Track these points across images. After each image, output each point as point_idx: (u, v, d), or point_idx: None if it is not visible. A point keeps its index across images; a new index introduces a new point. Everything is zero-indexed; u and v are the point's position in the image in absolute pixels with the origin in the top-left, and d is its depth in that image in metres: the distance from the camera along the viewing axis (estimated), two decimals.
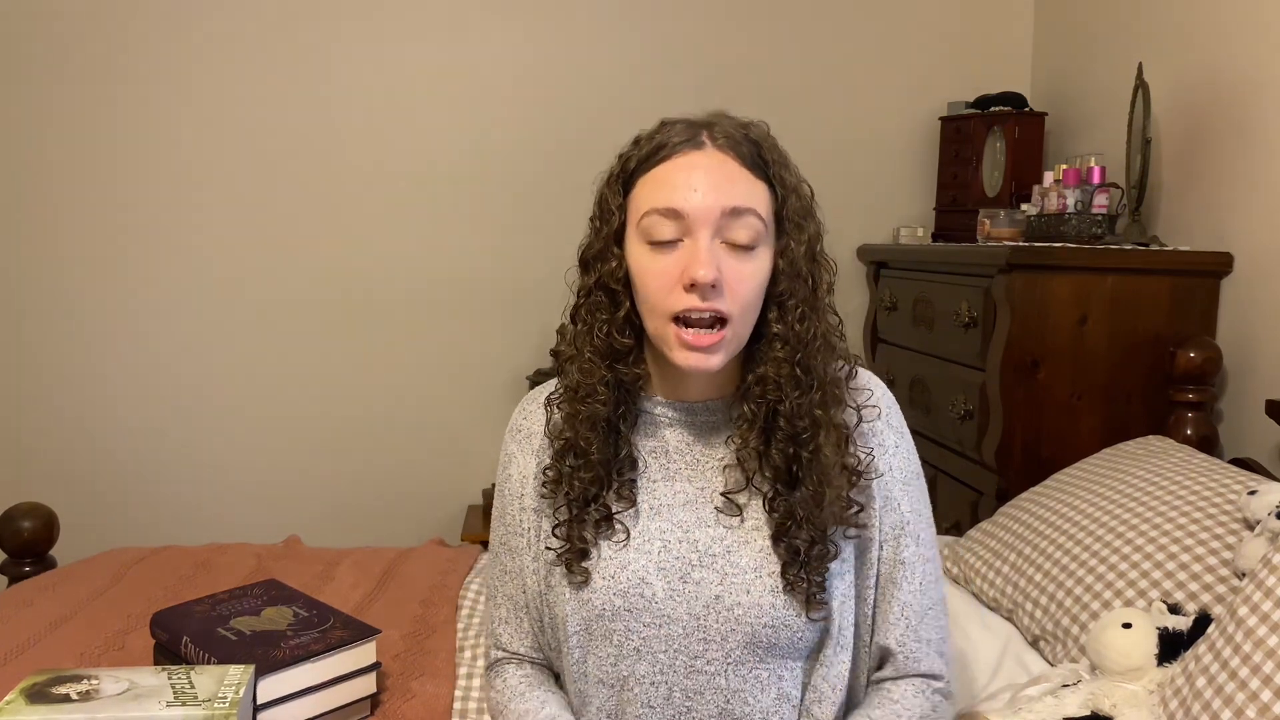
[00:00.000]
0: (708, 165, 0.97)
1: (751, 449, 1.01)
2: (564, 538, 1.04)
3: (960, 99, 2.72)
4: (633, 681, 1.03)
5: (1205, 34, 2.10)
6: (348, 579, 1.71)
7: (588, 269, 1.05)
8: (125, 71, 2.62)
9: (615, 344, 1.02)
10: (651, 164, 0.99)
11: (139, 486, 2.73)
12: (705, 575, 1.01)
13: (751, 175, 0.98)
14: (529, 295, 2.75)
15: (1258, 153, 1.94)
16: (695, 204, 0.95)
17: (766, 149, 1.01)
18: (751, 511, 1.03)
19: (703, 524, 1.03)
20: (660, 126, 1.02)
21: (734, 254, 0.97)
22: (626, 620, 1.02)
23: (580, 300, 1.06)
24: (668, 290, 0.96)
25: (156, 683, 1.05)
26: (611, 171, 1.04)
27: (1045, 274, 1.99)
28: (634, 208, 1.00)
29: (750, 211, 0.97)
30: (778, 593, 1.00)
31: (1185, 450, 1.70)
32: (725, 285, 0.95)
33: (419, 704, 1.28)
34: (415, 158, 2.74)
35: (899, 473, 1.06)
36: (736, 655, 1.00)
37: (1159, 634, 1.20)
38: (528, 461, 1.11)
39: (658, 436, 1.07)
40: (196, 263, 2.70)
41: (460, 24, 2.71)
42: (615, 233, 1.01)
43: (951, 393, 2.21)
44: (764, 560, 1.01)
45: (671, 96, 2.68)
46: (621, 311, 1.02)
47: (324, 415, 2.78)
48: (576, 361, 1.05)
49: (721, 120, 1.01)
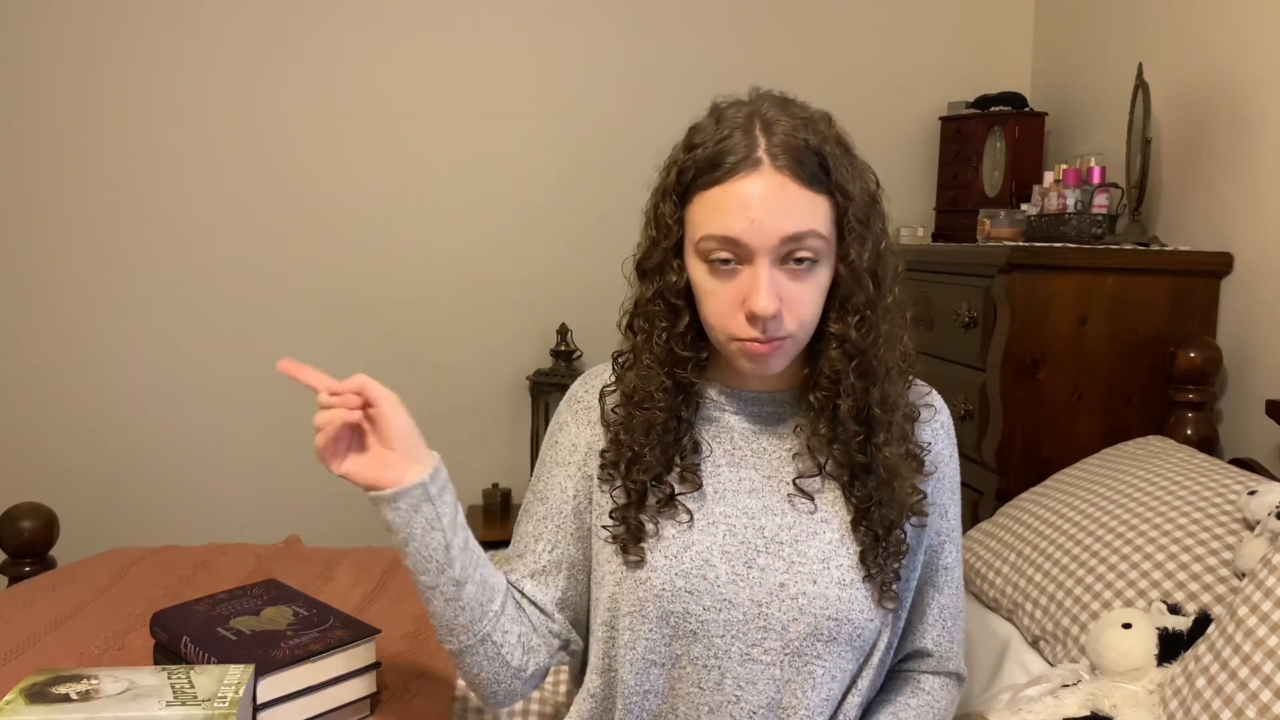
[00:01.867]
0: (764, 192, 0.92)
1: (822, 437, 1.02)
2: (620, 519, 1.03)
3: (960, 99, 2.72)
4: (685, 661, 1.02)
5: (1205, 34, 2.10)
6: (348, 579, 1.71)
7: (646, 278, 1.03)
8: (128, 69, 2.62)
9: (677, 352, 1.02)
10: (707, 182, 0.95)
11: (139, 486, 2.73)
12: (770, 562, 1.01)
13: (811, 193, 0.94)
14: (529, 295, 2.75)
15: (1258, 153, 1.94)
16: (754, 235, 0.92)
17: (828, 154, 0.96)
18: (823, 501, 1.03)
19: (769, 511, 1.03)
20: (716, 123, 0.97)
21: (793, 275, 0.95)
22: (686, 602, 1.01)
23: (639, 308, 1.04)
24: (729, 315, 0.96)
25: (156, 682, 1.05)
26: (666, 183, 1.00)
27: (1045, 274, 1.99)
28: (691, 225, 0.97)
29: (810, 233, 0.94)
30: (845, 585, 1.00)
31: (1185, 450, 1.70)
32: (785, 308, 0.94)
33: (419, 704, 1.28)
34: (415, 158, 2.74)
35: (949, 481, 1.10)
36: (795, 646, 1.00)
37: (1159, 634, 1.20)
38: (580, 432, 1.10)
39: (722, 423, 1.07)
40: (197, 263, 2.70)
41: (464, 23, 2.71)
42: (674, 246, 1.00)
43: (951, 393, 2.21)
44: (833, 552, 1.01)
45: (672, 97, 2.70)
46: (683, 323, 1.01)
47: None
48: (635, 368, 1.04)
49: (780, 121, 0.95)
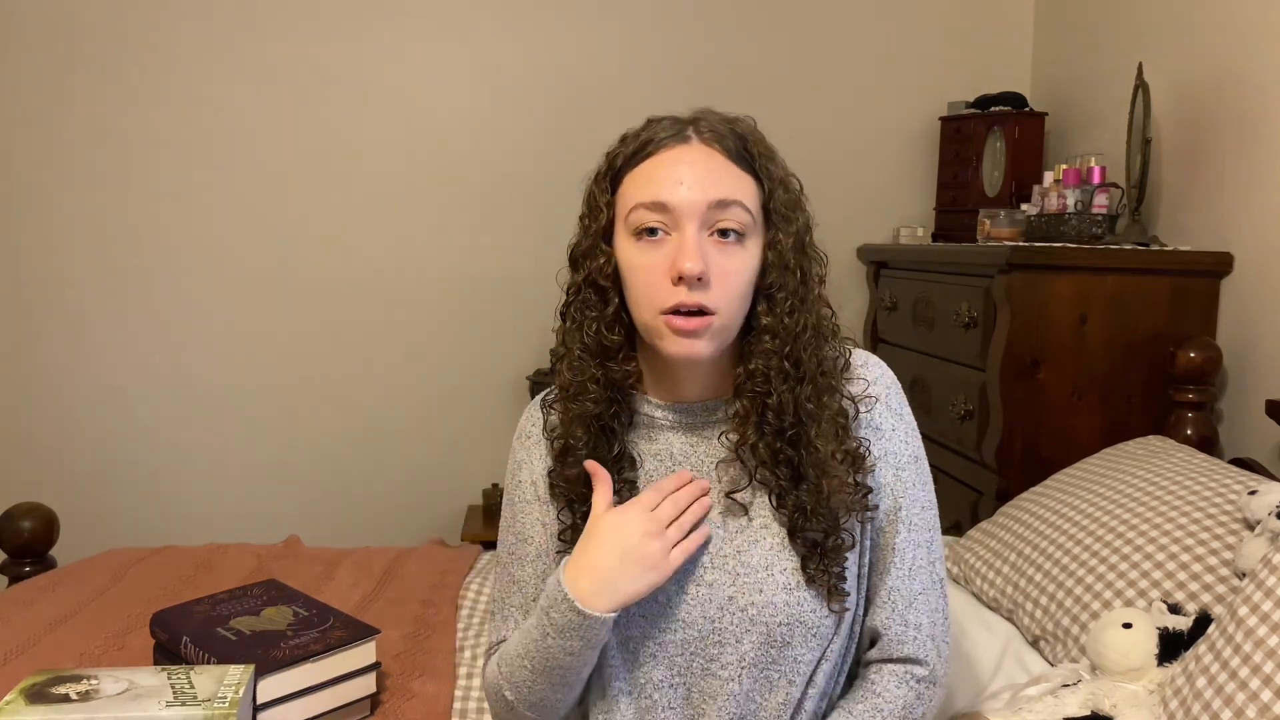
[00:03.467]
0: (693, 159, 0.97)
1: (749, 445, 1.00)
2: (569, 541, 1.04)
3: (960, 99, 2.72)
4: (650, 687, 1.02)
5: (1205, 34, 2.10)
6: (348, 579, 1.71)
7: (577, 266, 1.04)
8: (131, 68, 2.62)
9: (605, 341, 1.02)
10: (638, 160, 0.99)
11: (139, 486, 2.73)
12: (718, 576, 1.01)
13: (738, 168, 0.98)
14: (529, 296, 2.74)
15: (1258, 153, 1.94)
16: (681, 197, 0.95)
17: (753, 142, 1.01)
18: (758, 509, 1.03)
19: (710, 525, 1.02)
20: (647, 124, 1.02)
21: (721, 248, 0.96)
22: (642, 625, 1.01)
23: (570, 298, 1.05)
24: (657, 285, 0.96)
25: (156, 683, 1.05)
26: (599, 169, 1.04)
27: (1045, 274, 1.99)
28: (621, 204, 1.00)
29: (736, 203, 0.97)
30: (791, 589, 0.99)
31: (1185, 450, 1.70)
32: (712, 279, 0.95)
33: (419, 704, 1.28)
34: (414, 158, 2.74)
35: (893, 457, 1.05)
36: (751, 657, 1.00)
37: (1159, 634, 1.20)
38: (535, 465, 1.10)
39: (658, 440, 1.06)
40: (197, 263, 2.70)
41: (462, 24, 2.71)
42: (604, 229, 1.01)
43: (951, 393, 2.21)
44: (775, 558, 1.01)
45: (672, 97, 2.67)
46: (611, 308, 1.02)
47: (324, 415, 2.78)
48: (567, 360, 1.05)
49: (708, 115, 1.01)
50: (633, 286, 0.99)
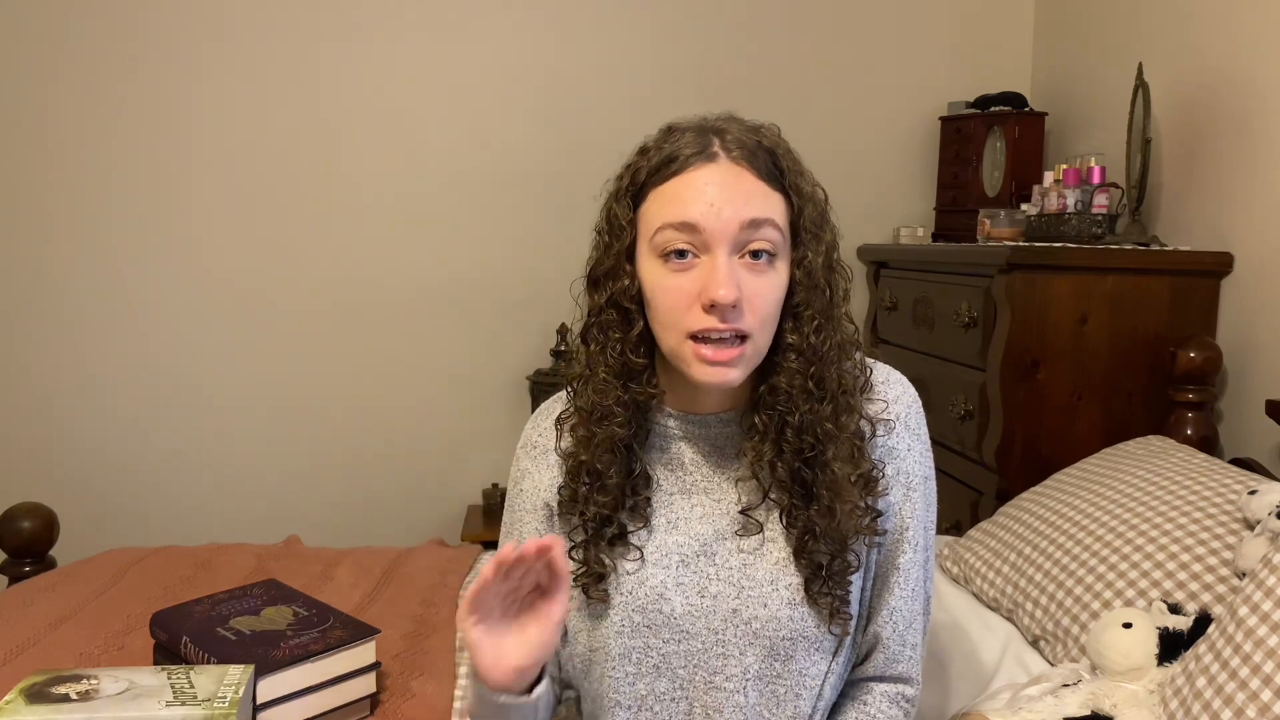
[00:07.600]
0: (722, 178, 0.93)
1: (765, 462, 0.99)
2: (581, 560, 1.03)
3: (960, 99, 2.72)
4: (652, 700, 1.01)
5: (1205, 34, 2.10)
6: (348, 579, 1.71)
7: (598, 286, 1.00)
8: (125, 69, 2.62)
9: (630, 363, 0.99)
10: (662, 177, 0.95)
11: (139, 486, 2.73)
12: (723, 589, 1.00)
13: (767, 186, 0.95)
14: (529, 296, 2.74)
15: (1258, 153, 1.94)
16: (712, 219, 0.91)
17: (781, 156, 0.97)
18: (770, 524, 1.01)
19: (720, 537, 1.01)
20: (668, 134, 0.98)
21: (752, 269, 0.93)
22: (646, 637, 1.01)
23: (591, 319, 1.02)
24: (685, 309, 0.93)
25: (156, 683, 1.05)
26: (620, 185, 0.99)
27: (1045, 274, 1.99)
28: (645, 222, 0.96)
29: (768, 222, 0.93)
30: (795, 605, 0.99)
31: (1185, 450, 1.70)
32: (744, 301, 0.92)
33: (419, 704, 1.28)
34: (414, 159, 2.74)
35: (905, 477, 1.04)
36: (755, 670, 0.99)
37: (1159, 634, 1.20)
38: (542, 476, 1.08)
39: (672, 451, 1.05)
40: (197, 263, 2.70)
41: (464, 25, 2.71)
42: (627, 249, 0.97)
43: (951, 393, 2.21)
44: (780, 572, 1.00)
45: (673, 99, 2.70)
46: (635, 330, 0.98)
47: (324, 415, 2.78)
48: (591, 382, 1.01)
49: (732, 126, 0.97)
50: (658, 309, 0.96)
